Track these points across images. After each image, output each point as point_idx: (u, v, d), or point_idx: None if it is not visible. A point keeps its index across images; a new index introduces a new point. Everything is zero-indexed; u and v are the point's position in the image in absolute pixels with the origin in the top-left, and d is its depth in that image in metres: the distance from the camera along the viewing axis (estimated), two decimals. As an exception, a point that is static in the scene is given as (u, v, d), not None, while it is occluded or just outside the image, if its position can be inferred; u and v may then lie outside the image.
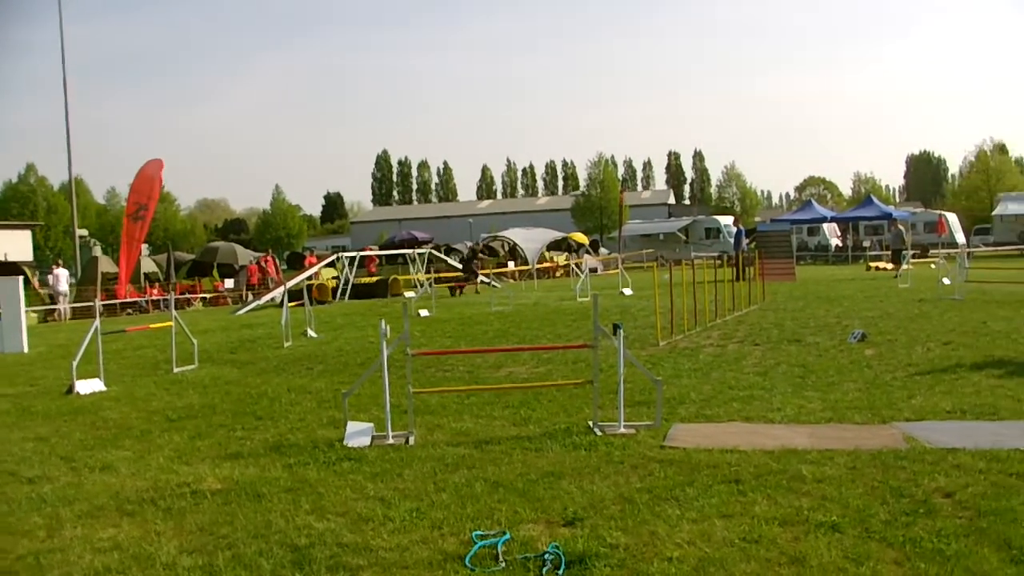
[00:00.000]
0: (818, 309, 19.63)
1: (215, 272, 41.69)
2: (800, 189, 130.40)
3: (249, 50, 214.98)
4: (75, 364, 12.48)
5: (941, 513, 5.51)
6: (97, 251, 46.61)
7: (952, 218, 58.24)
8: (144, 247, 41.22)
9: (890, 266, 36.55)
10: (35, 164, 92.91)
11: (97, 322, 13.36)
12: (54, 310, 32.34)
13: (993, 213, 60.57)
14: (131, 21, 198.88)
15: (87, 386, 12.53)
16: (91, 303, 19.41)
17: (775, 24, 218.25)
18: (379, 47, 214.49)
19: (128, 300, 34.33)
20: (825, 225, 58.16)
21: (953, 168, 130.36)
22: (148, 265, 41.01)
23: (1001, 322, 15.50)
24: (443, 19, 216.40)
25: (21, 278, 21.88)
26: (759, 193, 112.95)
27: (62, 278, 32.83)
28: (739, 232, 35.08)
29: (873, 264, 40.99)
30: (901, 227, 39.12)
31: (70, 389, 12.40)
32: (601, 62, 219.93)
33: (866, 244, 54.91)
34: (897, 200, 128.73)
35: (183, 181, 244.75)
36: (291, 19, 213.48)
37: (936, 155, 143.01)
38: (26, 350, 19.51)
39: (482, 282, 35.73)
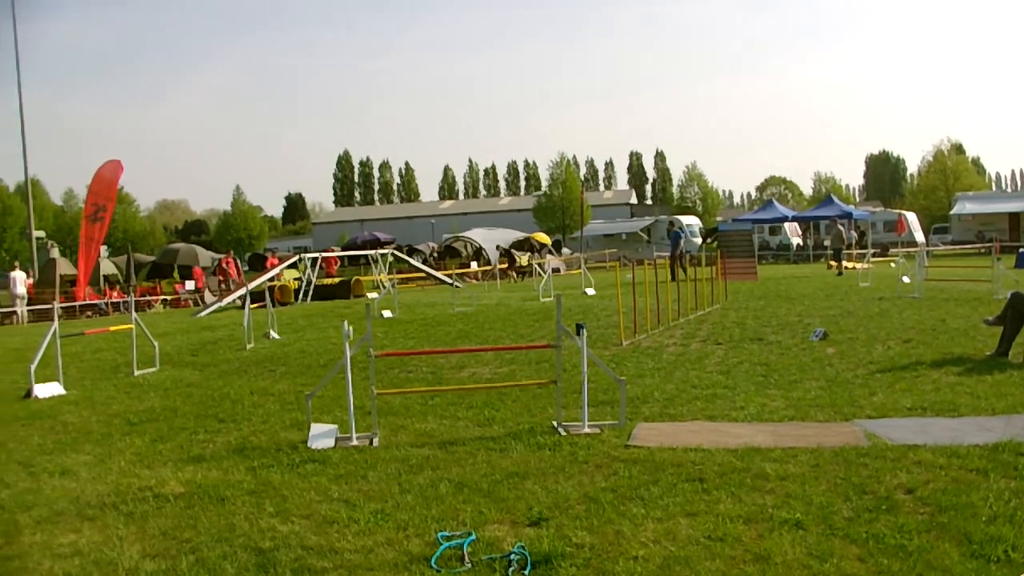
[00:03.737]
0: (779, 308, 19.76)
1: (176, 274, 41.34)
2: (761, 189, 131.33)
3: (208, 49, 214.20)
4: (33, 368, 12.32)
5: (903, 509, 5.56)
6: (55, 253, 45.93)
7: (911, 217, 58.93)
8: (103, 249, 40.77)
9: (852, 265, 36.76)
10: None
11: (55, 325, 13.20)
12: (11, 313, 31.92)
13: (951, 212, 61.30)
14: (86, 19, 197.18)
15: (46, 390, 12.37)
16: (49, 306, 19.18)
17: (733, 25, 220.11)
18: (338, 47, 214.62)
19: (87, 302, 33.97)
20: (786, 224, 58.61)
21: (911, 168, 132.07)
22: (107, 267, 40.63)
23: (959, 320, 15.68)
24: (402, 19, 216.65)
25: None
26: (721, 193, 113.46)
27: (19, 281, 32.41)
28: (676, 234, 34.76)
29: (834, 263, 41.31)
30: (840, 226, 39.21)
31: (28, 393, 12.24)
32: (562, 62, 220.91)
33: (827, 243, 55.38)
34: (857, 199, 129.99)
35: (142, 182, 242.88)
36: (249, 18, 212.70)
37: (895, 155, 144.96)
38: (-17, 354, 19.26)
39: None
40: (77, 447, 8.80)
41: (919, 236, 56.10)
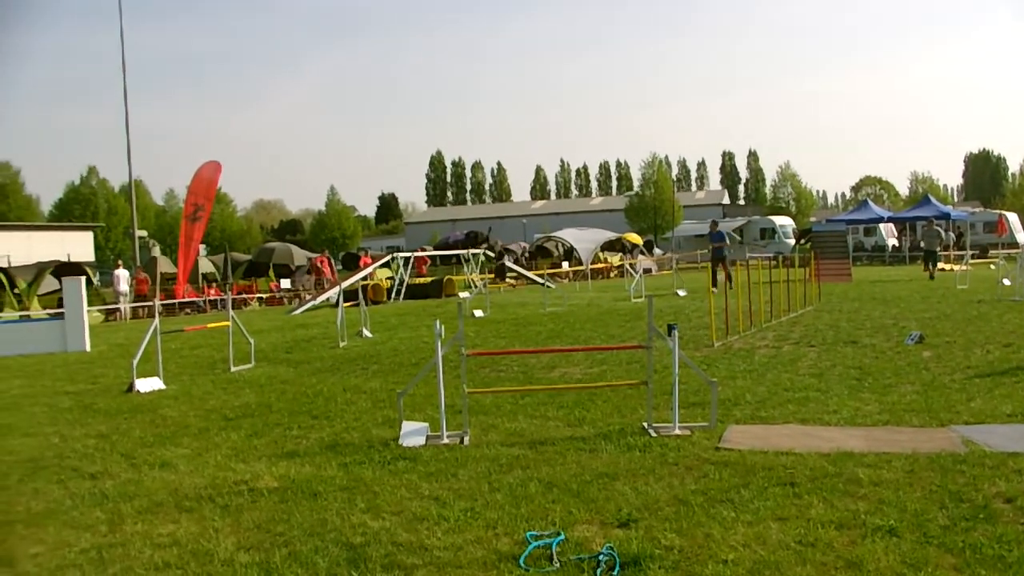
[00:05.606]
0: (874, 310, 19.40)
1: (271, 272, 42.06)
2: (856, 189, 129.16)
3: (302, 51, 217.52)
4: (135, 363, 12.67)
5: (1002, 518, 5.43)
6: (156, 252, 47.15)
7: (1012, 218, 57.16)
8: (201, 248, 41.70)
9: (950, 267, 35.73)
10: (96, 167, 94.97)
11: (156, 322, 13.56)
12: (115, 310, 32.82)
13: (1055, 212, 59.42)
14: (186, 24, 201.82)
15: (147, 384, 12.73)
16: (150, 303, 19.68)
17: (827, 23, 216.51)
18: (431, 48, 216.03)
19: (186, 300, 34.79)
20: (881, 225, 57.35)
21: (1013, 167, 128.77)
22: (206, 265, 41.49)
23: (1064, 324, 15.22)
24: (493, 21, 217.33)
25: (83, 278, 22.22)
26: (814, 193, 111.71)
27: (122, 279, 33.29)
28: (718, 235, 32.53)
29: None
30: (937, 227, 37.00)
31: (130, 387, 12.61)
32: (654, 62, 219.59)
33: (922, 244, 54.06)
34: (955, 200, 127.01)
35: (240, 182, 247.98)
36: (342, 20, 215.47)
37: (995, 153, 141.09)
38: (88, 349, 19.86)
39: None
40: (176, 440, 9.04)
41: (1020, 237, 54.41)
